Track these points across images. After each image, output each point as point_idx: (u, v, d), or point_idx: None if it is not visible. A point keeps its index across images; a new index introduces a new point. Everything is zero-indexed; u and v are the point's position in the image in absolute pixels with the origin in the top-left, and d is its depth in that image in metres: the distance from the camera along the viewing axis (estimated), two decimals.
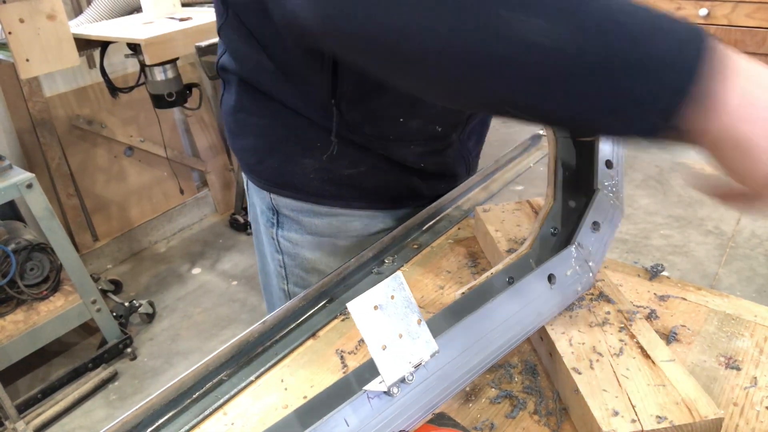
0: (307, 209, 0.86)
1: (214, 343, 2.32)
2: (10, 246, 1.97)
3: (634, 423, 0.50)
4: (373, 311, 0.45)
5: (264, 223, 0.91)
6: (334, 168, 0.82)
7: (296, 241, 0.88)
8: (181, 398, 0.62)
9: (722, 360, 0.62)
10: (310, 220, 0.86)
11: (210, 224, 3.14)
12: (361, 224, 0.87)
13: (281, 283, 0.94)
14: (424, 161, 0.85)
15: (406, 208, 0.91)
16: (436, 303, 0.74)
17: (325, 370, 0.65)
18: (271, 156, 0.84)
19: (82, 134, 2.59)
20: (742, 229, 2.68)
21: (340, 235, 0.87)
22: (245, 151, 0.87)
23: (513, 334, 0.56)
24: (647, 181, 3.11)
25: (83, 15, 2.20)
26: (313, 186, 0.84)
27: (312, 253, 0.88)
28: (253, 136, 0.84)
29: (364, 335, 0.44)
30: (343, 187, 0.84)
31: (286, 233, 0.89)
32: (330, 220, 0.86)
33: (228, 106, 0.86)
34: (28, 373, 2.20)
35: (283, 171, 0.84)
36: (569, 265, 0.61)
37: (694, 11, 3.09)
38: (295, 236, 0.88)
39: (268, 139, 0.83)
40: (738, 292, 2.31)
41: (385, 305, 0.46)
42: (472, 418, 0.57)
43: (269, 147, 0.84)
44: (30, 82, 2.36)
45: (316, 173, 0.83)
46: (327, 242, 0.87)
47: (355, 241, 0.88)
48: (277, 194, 0.86)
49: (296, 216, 0.87)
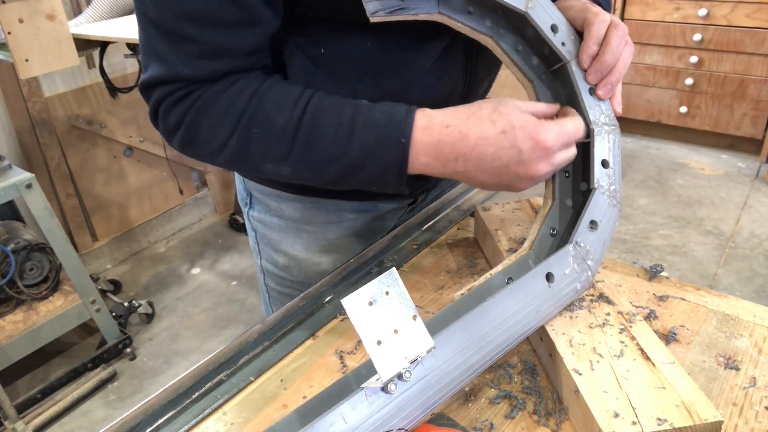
0: (272, 193, 0.88)
1: (214, 343, 2.32)
2: (10, 246, 1.97)
3: (634, 425, 0.50)
4: (368, 307, 0.45)
5: (241, 202, 0.96)
6: None
7: (265, 222, 0.92)
8: (181, 398, 0.62)
9: (721, 360, 0.62)
10: (277, 204, 0.89)
11: (209, 224, 3.13)
12: (326, 212, 0.88)
13: (257, 258, 0.98)
14: None
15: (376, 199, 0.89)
16: (435, 303, 0.74)
17: (324, 370, 0.65)
18: None
19: (81, 134, 2.59)
20: (741, 229, 2.69)
21: (306, 220, 0.88)
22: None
23: (512, 332, 0.56)
24: (646, 181, 3.11)
25: (83, 15, 2.20)
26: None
27: (278, 235, 0.91)
28: None
29: (358, 331, 0.45)
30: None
31: (256, 213, 0.92)
32: (295, 205, 0.87)
33: None
34: (28, 373, 2.20)
35: None
36: (567, 264, 0.61)
37: (693, 11, 3.09)
38: (264, 217, 0.91)
39: None
40: (737, 293, 2.31)
41: (379, 301, 0.46)
42: (471, 419, 0.57)
43: None
44: (29, 82, 2.35)
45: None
46: (293, 226, 0.89)
47: (319, 227, 0.89)
48: (248, 177, 0.90)
49: (264, 199, 0.90)
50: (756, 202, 2.87)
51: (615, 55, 0.65)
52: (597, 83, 0.66)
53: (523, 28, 0.65)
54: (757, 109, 3.10)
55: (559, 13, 0.66)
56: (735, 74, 3.10)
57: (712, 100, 3.22)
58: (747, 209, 2.83)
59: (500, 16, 0.65)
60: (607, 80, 0.66)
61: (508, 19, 0.65)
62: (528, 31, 0.65)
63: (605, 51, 0.64)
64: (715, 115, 3.24)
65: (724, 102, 3.18)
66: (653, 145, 3.47)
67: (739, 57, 3.05)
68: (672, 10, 3.15)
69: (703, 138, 3.39)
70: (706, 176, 3.13)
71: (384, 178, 0.65)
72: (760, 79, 3.04)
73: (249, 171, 0.81)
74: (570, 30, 0.67)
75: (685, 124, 3.35)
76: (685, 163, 3.27)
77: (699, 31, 3.10)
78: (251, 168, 0.69)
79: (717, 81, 3.16)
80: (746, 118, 3.15)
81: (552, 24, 0.65)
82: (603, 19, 0.65)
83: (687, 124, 3.34)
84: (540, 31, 0.63)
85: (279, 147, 0.64)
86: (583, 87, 0.66)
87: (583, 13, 0.67)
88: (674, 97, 3.32)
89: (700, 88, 3.22)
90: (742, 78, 3.09)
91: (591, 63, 0.65)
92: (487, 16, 0.65)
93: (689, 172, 3.18)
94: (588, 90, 0.66)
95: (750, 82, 3.07)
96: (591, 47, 0.65)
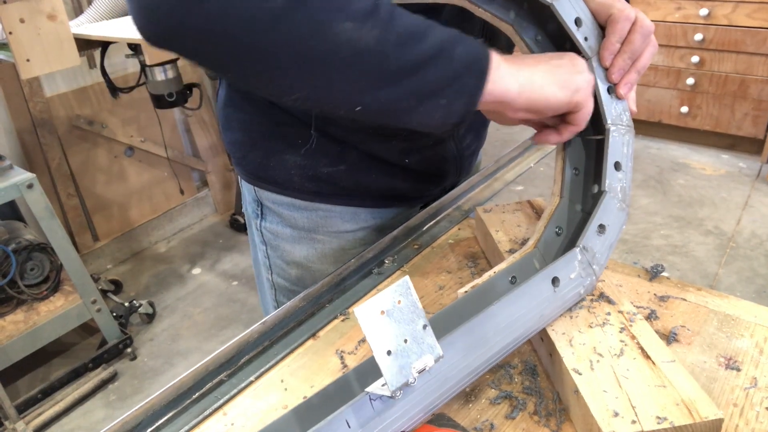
0: (287, 203, 0.87)
1: (214, 343, 2.32)
2: (11, 246, 1.97)
3: (634, 424, 0.50)
4: (380, 316, 0.45)
5: (250, 213, 0.93)
6: (313, 165, 0.83)
7: (277, 233, 0.90)
8: (181, 399, 0.62)
9: (722, 360, 0.62)
10: (290, 214, 0.87)
11: (210, 224, 3.14)
12: (341, 221, 0.87)
13: (267, 273, 0.96)
14: (409, 158, 0.84)
15: (390, 208, 0.90)
16: (436, 303, 0.74)
17: (325, 370, 0.65)
18: (253, 150, 0.85)
19: (82, 134, 2.59)
20: (742, 229, 2.68)
21: (320, 230, 0.87)
22: (233, 144, 0.88)
23: (515, 336, 0.56)
24: (647, 181, 3.11)
25: (84, 15, 2.20)
26: (294, 182, 0.85)
27: (291, 246, 0.89)
28: (239, 131, 0.86)
29: (369, 340, 0.44)
30: (323, 183, 0.84)
31: (268, 225, 0.90)
32: (309, 214, 0.86)
33: (220, 101, 0.89)
34: (28, 373, 2.20)
35: (265, 165, 0.85)
36: (573, 268, 0.61)
37: (694, 11, 3.09)
38: (276, 228, 0.90)
39: (252, 134, 0.85)
40: (738, 293, 2.31)
41: (391, 310, 0.45)
42: (471, 419, 0.57)
43: (252, 141, 0.85)
44: (30, 82, 2.36)
45: (297, 169, 0.84)
46: (306, 236, 0.88)
47: (334, 237, 0.88)
48: (261, 187, 0.88)
49: (277, 209, 0.88)
50: (757, 202, 2.87)
51: (636, 55, 0.64)
52: (617, 82, 0.65)
53: (547, 19, 0.64)
54: (758, 109, 3.10)
55: (585, 5, 0.65)
56: (736, 74, 3.10)
57: (713, 100, 3.21)
58: (748, 209, 2.82)
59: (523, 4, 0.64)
60: (627, 79, 0.65)
61: (531, 7, 0.64)
62: (551, 22, 0.64)
63: (627, 50, 0.64)
64: (716, 115, 3.23)
65: (725, 102, 3.18)
66: (654, 145, 3.46)
67: (741, 57, 3.05)
68: (673, 10, 3.15)
69: (704, 138, 3.39)
70: (707, 176, 3.12)
71: (461, 78, 0.54)
72: (761, 79, 3.03)
73: (299, 40, 0.48)
74: (594, 25, 0.65)
75: (686, 124, 3.34)
76: (686, 163, 3.26)
77: (700, 31, 3.10)
78: (308, 32, 0.48)
79: (718, 81, 3.16)
80: (747, 118, 3.15)
81: (576, 17, 0.63)
82: (627, 16, 0.64)
83: (688, 124, 3.34)
84: (564, 24, 0.62)
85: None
86: (602, 85, 0.65)
87: (607, 8, 0.65)
88: (675, 97, 3.32)
89: (701, 88, 3.22)
90: (743, 78, 3.08)
91: (612, 61, 0.64)
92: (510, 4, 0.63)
93: (690, 172, 3.18)
94: (606, 89, 0.65)
95: (751, 82, 3.06)
96: (614, 45, 0.64)
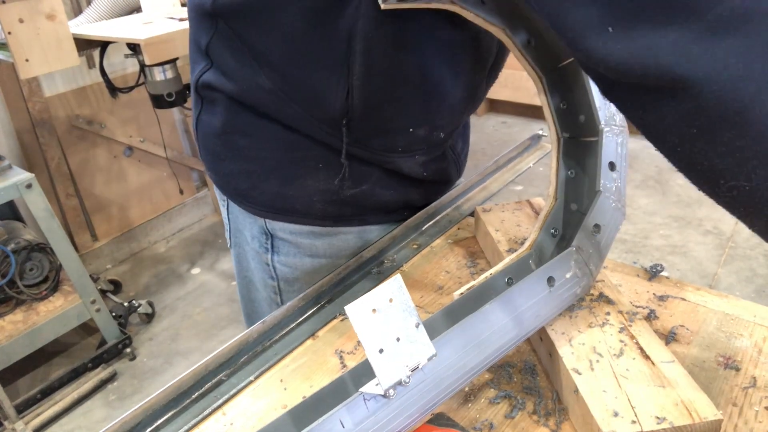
0: (306, 231, 0.82)
1: (214, 343, 2.32)
2: (10, 246, 1.97)
3: (633, 424, 0.50)
4: (372, 314, 0.45)
5: (256, 248, 0.86)
6: (339, 189, 0.79)
7: (296, 265, 0.85)
8: (181, 398, 0.62)
9: (721, 360, 0.62)
10: (310, 242, 0.83)
11: (209, 224, 3.13)
12: (356, 239, 0.85)
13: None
14: (427, 170, 0.84)
15: (398, 217, 0.89)
16: (435, 303, 0.74)
17: (324, 370, 0.65)
18: (267, 180, 0.80)
19: (81, 134, 2.59)
20: (741, 229, 2.68)
21: (340, 254, 0.85)
22: (234, 175, 0.81)
23: (511, 336, 0.56)
24: (647, 181, 3.11)
25: (83, 15, 2.20)
26: (316, 208, 0.81)
27: (311, 277, 0.84)
28: (244, 160, 0.80)
29: (361, 338, 0.44)
30: (345, 206, 0.81)
31: (283, 258, 0.84)
32: (330, 240, 0.83)
33: (211, 127, 0.80)
34: (28, 373, 2.20)
35: (282, 195, 0.80)
36: (569, 268, 0.61)
37: None
38: (294, 260, 0.84)
39: (264, 163, 0.79)
40: (737, 292, 2.31)
41: (383, 308, 0.45)
42: (471, 418, 0.57)
43: (265, 171, 0.79)
44: (30, 82, 2.35)
45: (319, 195, 0.79)
46: (327, 263, 0.84)
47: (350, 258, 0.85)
48: (274, 219, 0.82)
49: (294, 239, 0.83)
50: None
51: None
52: None
53: (538, 22, 0.64)
54: None
55: None
56: None
57: None
58: None
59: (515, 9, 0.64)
60: None
61: (522, 13, 0.64)
62: (542, 26, 0.64)
63: None
64: None
65: None
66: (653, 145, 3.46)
67: None
68: None
69: None
70: None
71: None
72: None
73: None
74: None
75: None
76: None
77: None
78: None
79: None
80: None
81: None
82: None
83: None
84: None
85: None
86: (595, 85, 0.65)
87: None
88: None
89: None
90: None
91: None
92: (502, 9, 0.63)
93: None
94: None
95: None
96: None
